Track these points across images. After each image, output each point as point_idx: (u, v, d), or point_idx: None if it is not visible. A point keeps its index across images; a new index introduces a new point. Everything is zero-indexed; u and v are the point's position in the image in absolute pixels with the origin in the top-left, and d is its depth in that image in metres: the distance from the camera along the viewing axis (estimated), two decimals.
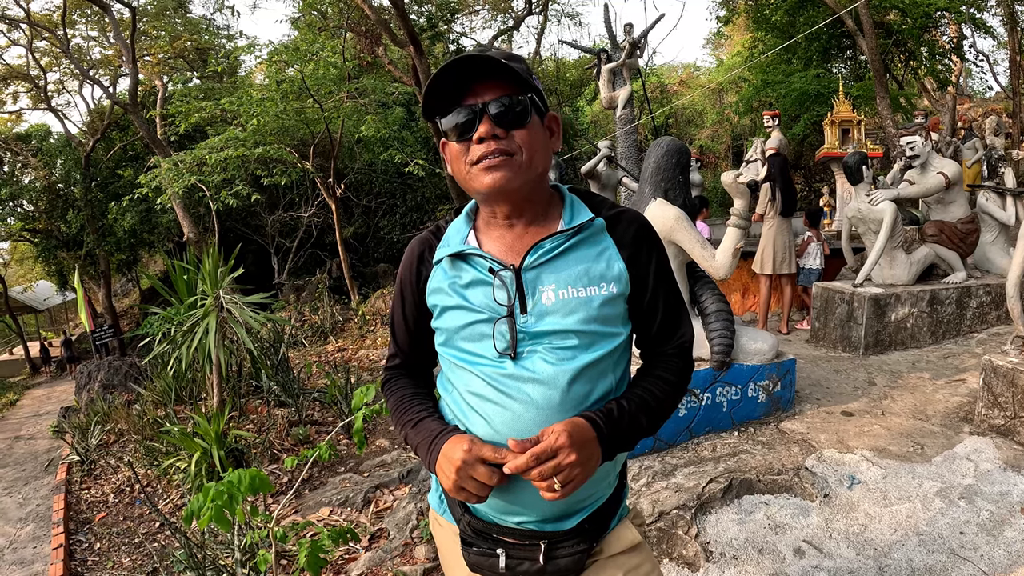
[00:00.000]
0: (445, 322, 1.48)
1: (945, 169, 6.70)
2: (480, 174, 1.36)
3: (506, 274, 1.40)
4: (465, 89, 1.35)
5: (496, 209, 1.46)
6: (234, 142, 13.09)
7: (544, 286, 1.40)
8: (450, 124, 1.37)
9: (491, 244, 1.47)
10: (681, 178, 4.66)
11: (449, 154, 1.43)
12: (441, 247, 1.51)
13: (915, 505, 3.38)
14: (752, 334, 4.77)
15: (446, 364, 1.54)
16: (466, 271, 1.45)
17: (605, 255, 1.45)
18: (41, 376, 24.74)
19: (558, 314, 1.39)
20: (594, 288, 1.41)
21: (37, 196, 22.90)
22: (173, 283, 6.57)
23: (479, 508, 1.49)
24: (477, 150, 1.35)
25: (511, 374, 1.38)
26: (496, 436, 1.39)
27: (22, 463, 10.19)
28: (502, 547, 1.47)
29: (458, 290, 1.45)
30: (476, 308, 1.42)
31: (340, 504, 4.99)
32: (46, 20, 20.18)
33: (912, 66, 18.26)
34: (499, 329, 1.39)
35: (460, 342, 1.46)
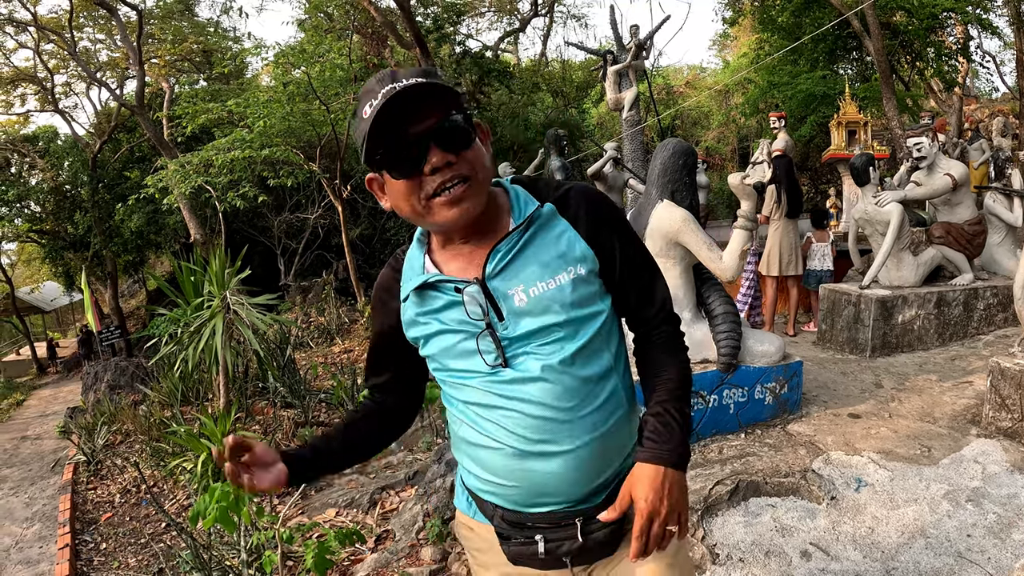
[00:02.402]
0: (431, 349, 1.49)
1: (952, 170, 6.68)
2: (442, 208, 1.32)
3: (472, 289, 1.39)
4: (402, 121, 1.27)
5: (454, 235, 1.43)
6: (241, 143, 13.11)
7: (512, 289, 1.38)
8: (396, 162, 1.31)
9: (450, 264, 1.45)
10: (688, 180, 4.66)
11: (391, 191, 1.36)
12: (404, 282, 1.50)
13: (922, 508, 3.37)
14: (759, 336, 4.76)
15: (445, 384, 1.54)
16: (435, 297, 1.44)
17: (564, 238, 1.42)
18: (48, 376, 24.80)
19: (533, 312, 1.38)
20: (561, 275, 1.39)
21: (44, 197, 22.97)
22: (180, 284, 6.59)
23: (509, 502, 1.49)
24: (432, 181, 1.30)
25: (509, 380, 1.40)
26: (512, 439, 1.41)
27: (28, 463, 10.22)
28: (539, 533, 1.49)
29: (433, 316, 1.45)
30: (455, 329, 1.42)
31: (346, 505, 5.00)
32: (53, 23, 20.24)
33: (919, 67, 18.24)
34: (483, 343, 1.40)
35: (451, 363, 1.46)
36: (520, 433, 1.40)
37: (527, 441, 1.40)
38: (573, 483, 1.44)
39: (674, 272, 4.63)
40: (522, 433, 1.40)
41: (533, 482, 1.44)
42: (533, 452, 1.41)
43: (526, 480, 1.44)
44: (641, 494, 1.37)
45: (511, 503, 1.49)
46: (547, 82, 25.56)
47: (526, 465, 1.42)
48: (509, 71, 22.86)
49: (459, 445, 1.58)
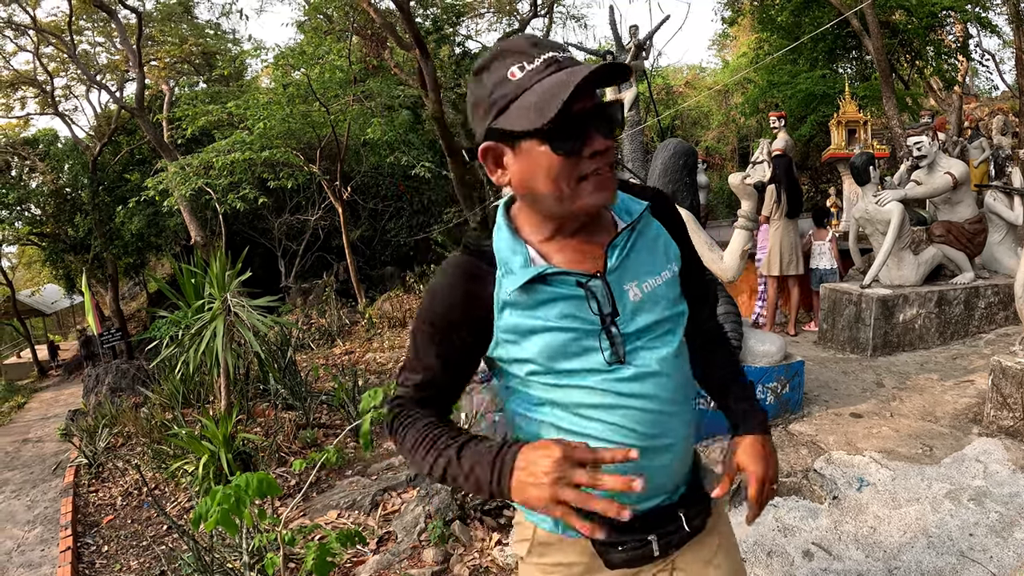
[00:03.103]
0: (530, 349, 1.35)
1: (952, 169, 6.68)
2: (591, 192, 1.26)
3: (595, 284, 1.34)
4: (572, 97, 1.16)
5: (571, 223, 1.36)
6: (241, 145, 13.12)
7: (627, 284, 1.38)
8: (562, 137, 1.21)
9: (559, 256, 1.37)
10: (688, 180, 4.66)
11: (531, 166, 1.26)
12: (506, 276, 1.34)
13: (924, 507, 3.37)
14: (760, 336, 4.77)
15: (537, 390, 1.41)
16: (544, 291, 1.34)
17: (660, 238, 1.47)
18: (49, 379, 24.80)
19: (646, 308, 1.40)
20: (665, 273, 1.44)
21: (44, 200, 22.97)
22: (180, 286, 6.59)
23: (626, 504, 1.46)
24: (589, 164, 1.24)
25: (629, 377, 1.37)
26: (630, 437, 1.39)
27: (30, 466, 10.22)
28: (651, 532, 1.46)
29: (539, 312, 1.34)
30: (566, 327, 1.34)
31: (348, 507, 5.00)
32: (53, 26, 20.25)
33: (918, 66, 18.22)
34: (604, 339, 1.35)
35: (558, 364, 1.36)
36: (640, 430, 1.39)
37: (645, 437, 1.40)
38: (676, 474, 1.50)
39: None
40: (642, 430, 1.39)
41: (651, 478, 1.40)
42: (649, 448, 1.39)
43: (645, 478, 1.43)
44: (753, 463, 1.51)
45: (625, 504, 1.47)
46: None
47: (642, 463, 1.35)
48: None
49: None
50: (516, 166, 1.27)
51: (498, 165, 1.31)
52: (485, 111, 1.26)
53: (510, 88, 1.22)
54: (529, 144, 1.23)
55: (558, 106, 1.14)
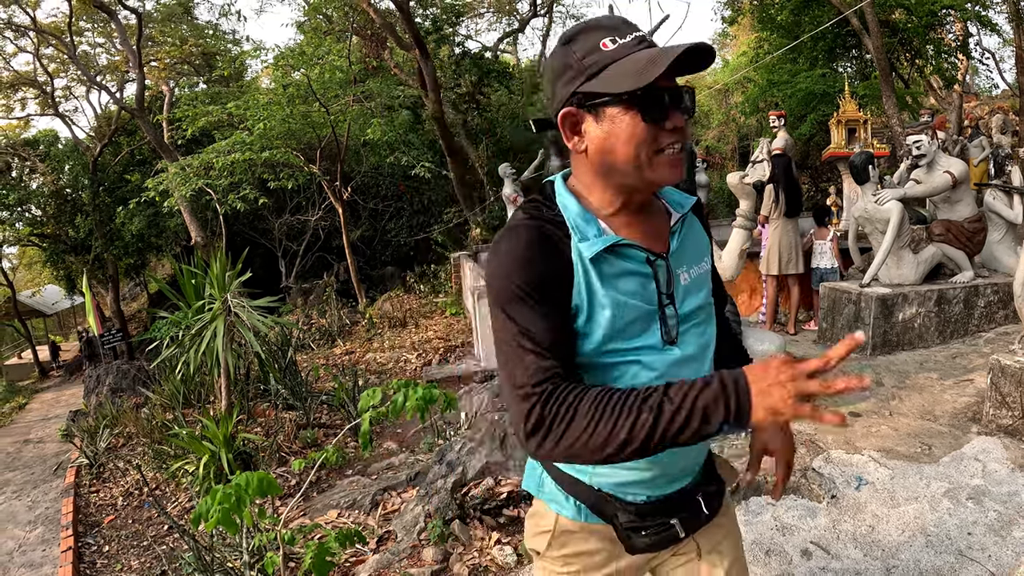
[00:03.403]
0: (599, 321, 1.32)
1: (951, 168, 6.68)
2: (666, 166, 1.29)
3: (661, 263, 1.38)
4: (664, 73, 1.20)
5: (637, 196, 1.39)
6: (241, 146, 13.14)
7: (680, 269, 1.43)
8: (652, 103, 1.24)
9: (627, 231, 1.38)
10: (686, 179, 4.67)
11: (614, 132, 1.26)
12: (581, 242, 1.32)
13: (923, 506, 3.38)
14: (759, 335, 4.77)
15: (598, 370, 1.37)
16: (615, 264, 1.34)
17: (699, 232, 1.56)
18: (50, 380, 24.82)
19: (693, 293, 1.45)
20: (703, 264, 1.52)
21: (45, 201, 22.99)
22: (181, 287, 6.60)
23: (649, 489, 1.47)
24: (667, 138, 1.28)
25: (676, 359, 1.40)
26: None
27: (31, 467, 10.23)
28: (674, 515, 1.49)
29: (612, 284, 1.33)
30: (637, 302, 1.35)
31: (348, 506, 5.01)
32: (53, 27, 20.27)
33: (918, 64, 18.23)
34: (662, 317, 1.38)
35: (621, 340, 1.35)
36: None
37: None
38: (698, 459, 1.55)
39: None
40: None
41: (676, 463, 1.47)
42: None
43: (672, 463, 1.46)
44: (780, 445, 1.66)
45: (648, 490, 1.48)
46: None
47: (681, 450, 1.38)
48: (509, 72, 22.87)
49: None
50: (598, 132, 1.29)
51: (575, 132, 1.33)
52: (573, 76, 1.28)
53: (601, 56, 1.25)
54: (615, 111, 1.26)
55: (658, 71, 1.18)
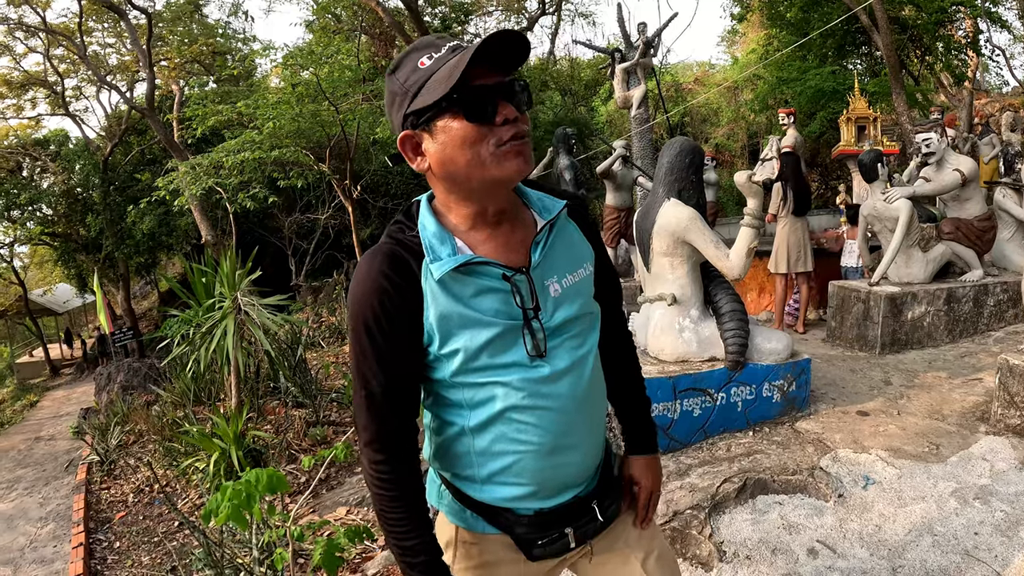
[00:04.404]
0: (460, 342, 1.35)
1: (961, 166, 6.65)
2: (511, 157, 1.28)
3: (520, 278, 1.36)
4: (474, 72, 1.23)
5: (491, 206, 1.38)
6: (251, 145, 13.17)
7: (548, 280, 1.42)
8: (472, 102, 1.25)
9: (485, 247, 1.38)
10: (694, 178, 4.67)
11: (450, 141, 1.27)
12: (433, 263, 1.33)
13: (930, 505, 3.38)
14: (767, 334, 4.77)
15: (461, 392, 1.41)
16: (470, 283, 1.34)
17: (575, 237, 1.53)
18: (61, 378, 24.98)
19: (565, 304, 1.44)
20: (580, 271, 1.50)
21: (56, 200, 23.12)
22: (191, 286, 6.64)
23: (536, 501, 1.50)
24: (504, 131, 1.27)
25: (544, 376, 1.40)
26: (545, 436, 1.43)
27: (42, 463, 10.31)
28: (567, 525, 1.53)
29: (470, 304, 1.34)
30: (496, 319, 1.35)
31: (357, 503, 5.03)
32: (63, 27, 20.36)
33: (928, 61, 18.14)
34: (527, 333, 1.37)
35: (485, 359, 1.36)
36: (553, 429, 1.43)
37: (557, 436, 1.44)
38: (587, 469, 1.55)
39: (681, 270, 4.65)
40: (554, 429, 1.43)
41: (559, 476, 1.49)
42: (561, 446, 1.45)
43: (553, 476, 1.48)
44: (646, 479, 1.74)
45: (538, 502, 1.49)
46: (555, 80, 25.58)
47: (555, 461, 1.46)
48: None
49: (465, 460, 1.49)
50: (434, 146, 1.30)
51: (416, 153, 1.34)
52: (401, 100, 1.31)
53: (420, 74, 1.27)
54: (443, 122, 1.27)
55: (462, 68, 1.19)
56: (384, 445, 1.40)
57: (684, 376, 4.46)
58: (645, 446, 1.79)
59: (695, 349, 4.65)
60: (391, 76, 1.33)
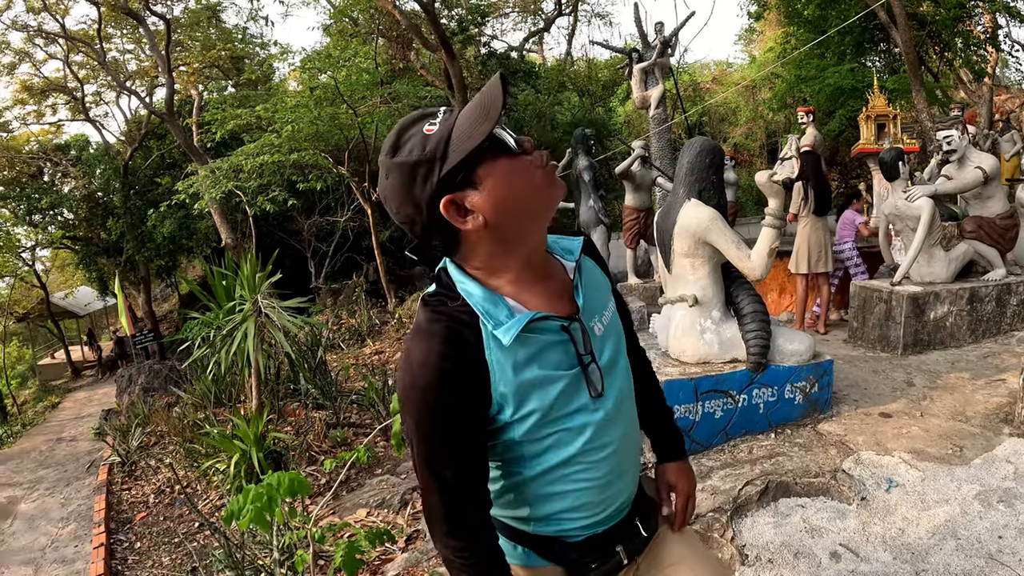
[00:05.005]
0: (535, 404, 1.32)
1: (983, 163, 6.58)
2: (551, 182, 1.30)
3: (575, 326, 1.36)
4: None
5: (537, 249, 1.37)
6: (269, 148, 13.23)
7: (593, 321, 1.42)
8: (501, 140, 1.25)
9: (535, 302, 1.34)
10: (715, 178, 4.65)
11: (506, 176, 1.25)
12: (497, 329, 1.27)
13: (953, 508, 3.34)
14: (789, 335, 4.74)
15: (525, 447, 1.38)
16: (533, 341, 1.31)
17: (597, 274, 1.54)
18: (82, 379, 25.19)
19: (608, 341, 1.46)
20: (609, 307, 1.52)
21: (77, 205, 23.29)
22: (212, 288, 6.68)
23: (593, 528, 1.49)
24: (534, 160, 1.28)
25: (605, 415, 1.41)
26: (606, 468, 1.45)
27: (64, 464, 10.41)
28: (618, 544, 1.55)
29: (539, 363, 1.32)
30: (562, 371, 1.34)
31: (377, 505, 5.04)
32: (82, 34, 20.52)
33: (947, 57, 17.98)
34: (587, 376, 1.37)
35: (555, 412, 1.34)
36: (611, 463, 1.45)
37: (614, 468, 1.47)
38: (633, 491, 1.59)
39: (703, 271, 4.63)
40: (612, 462, 1.45)
41: (614, 501, 1.51)
42: (616, 477, 1.49)
43: (611, 502, 1.50)
44: (682, 483, 1.77)
45: (594, 529, 1.50)
46: (573, 81, 25.52)
47: (614, 488, 1.49)
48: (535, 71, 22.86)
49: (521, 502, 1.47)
50: (483, 195, 1.25)
51: (464, 214, 1.26)
52: (427, 170, 1.23)
53: (438, 136, 1.22)
54: (485, 169, 1.23)
55: (499, 105, 1.18)
56: (465, 532, 1.35)
57: (706, 378, 4.44)
58: (676, 453, 1.82)
59: (717, 350, 4.63)
60: (395, 156, 1.26)
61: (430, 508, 1.35)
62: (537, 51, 29.45)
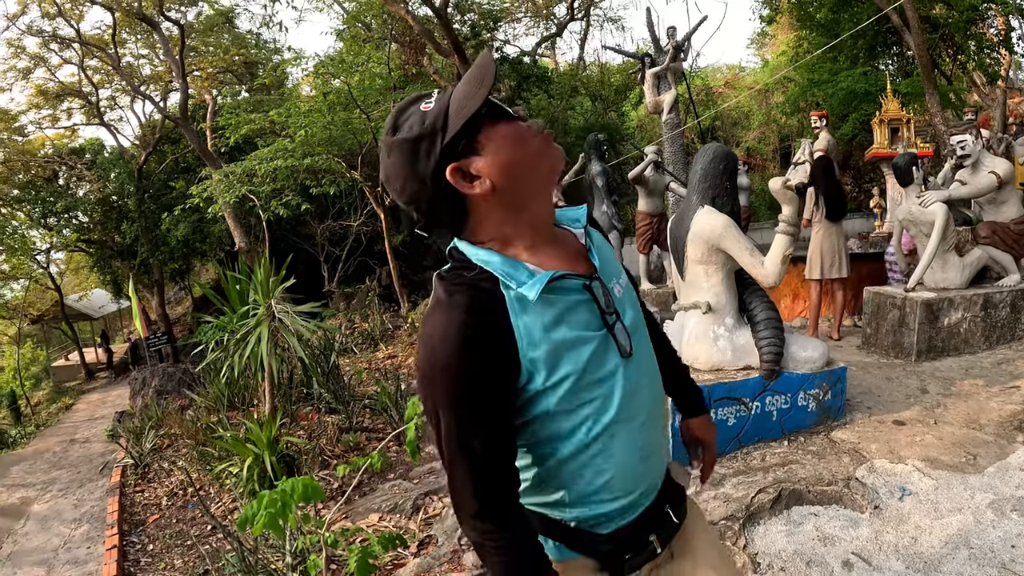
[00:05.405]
0: (568, 367, 1.30)
1: (997, 168, 6.54)
2: (550, 146, 1.33)
3: (596, 284, 1.35)
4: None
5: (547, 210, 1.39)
6: (283, 153, 13.31)
7: (611, 283, 1.42)
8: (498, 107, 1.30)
9: (554, 263, 1.33)
10: (728, 185, 4.65)
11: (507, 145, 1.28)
12: (521, 287, 1.26)
13: (966, 517, 3.32)
14: (802, 342, 4.73)
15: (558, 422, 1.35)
16: (558, 302, 1.30)
17: (603, 242, 1.53)
18: (96, 381, 25.35)
19: (627, 302, 1.46)
20: (622, 272, 1.53)
21: (92, 208, 23.48)
22: (225, 292, 6.71)
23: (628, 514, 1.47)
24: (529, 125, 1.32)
25: (636, 377, 1.41)
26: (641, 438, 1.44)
27: (77, 466, 10.48)
28: (651, 532, 1.52)
29: (567, 324, 1.30)
30: (591, 331, 1.33)
31: (389, 510, 5.06)
32: (97, 39, 20.69)
33: (960, 60, 17.91)
34: (614, 335, 1.36)
35: (589, 376, 1.32)
36: (646, 432, 1.45)
37: (650, 439, 1.48)
38: (662, 470, 1.59)
39: (716, 278, 4.63)
40: (647, 432, 1.46)
41: (648, 480, 1.51)
42: (651, 447, 1.49)
43: (644, 481, 1.49)
44: (706, 434, 1.89)
45: (626, 515, 1.47)
46: (585, 86, 25.55)
47: (648, 464, 1.50)
48: (547, 76, 22.90)
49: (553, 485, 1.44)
50: (487, 159, 1.27)
51: (469, 179, 1.28)
52: (430, 142, 1.25)
53: (435, 112, 1.26)
54: (486, 135, 1.27)
55: (491, 72, 1.24)
56: (496, 512, 1.31)
57: (719, 385, 4.43)
58: (699, 407, 1.90)
59: (730, 358, 4.62)
60: (395, 134, 1.29)
61: (458, 486, 1.30)
62: (550, 56, 29.45)
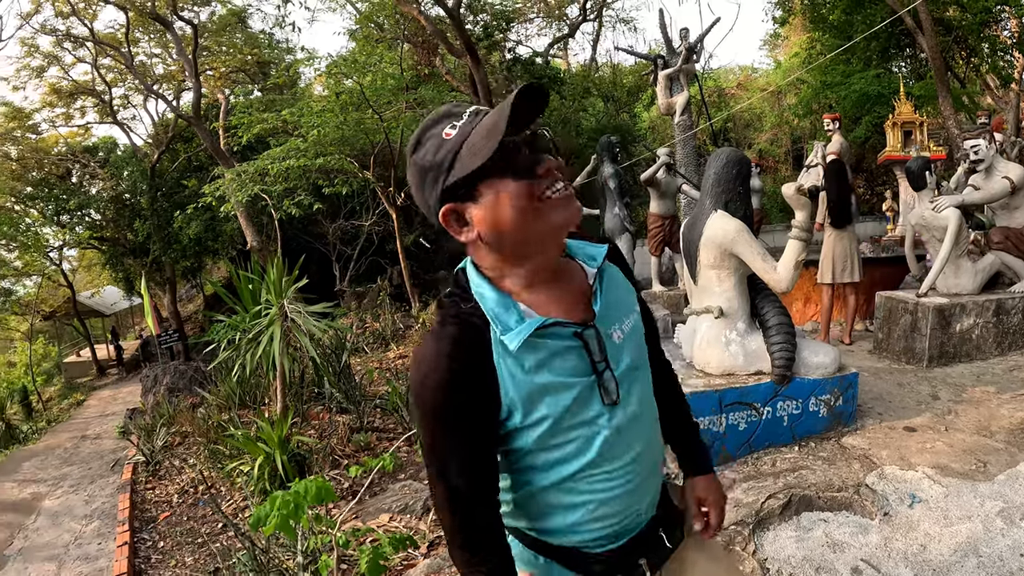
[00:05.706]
0: (545, 411, 1.32)
1: (1010, 173, 6.51)
2: (558, 208, 1.27)
3: (589, 332, 1.35)
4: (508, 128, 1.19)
5: (546, 262, 1.35)
6: (295, 152, 13.34)
7: (611, 329, 1.41)
8: (513, 160, 1.24)
9: (548, 307, 1.34)
10: (741, 189, 4.65)
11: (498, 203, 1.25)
12: (505, 335, 1.28)
13: (976, 525, 3.32)
14: (814, 347, 4.72)
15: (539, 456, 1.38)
16: (543, 347, 1.31)
17: (621, 281, 1.52)
18: (107, 378, 25.50)
19: (627, 349, 1.44)
20: (632, 314, 1.50)
21: (105, 206, 23.61)
22: (237, 291, 6.74)
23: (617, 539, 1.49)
24: (547, 183, 1.26)
25: (621, 422, 1.41)
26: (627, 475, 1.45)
27: (88, 462, 10.53)
28: (640, 556, 1.53)
29: (549, 369, 1.32)
30: (575, 378, 1.34)
31: (400, 511, 5.07)
32: (110, 38, 20.78)
33: (973, 63, 17.85)
34: (602, 383, 1.36)
35: (568, 420, 1.35)
36: (631, 471, 1.45)
37: (639, 474, 1.47)
38: (654, 498, 1.58)
39: (728, 283, 4.63)
40: (633, 470, 1.45)
41: (632, 512, 1.50)
42: (637, 483, 1.48)
43: (632, 510, 1.49)
44: (712, 496, 1.74)
45: (613, 541, 1.49)
46: (598, 87, 25.55)
47: (632, 499, 1.48)
48: (560, 77, 22.89)
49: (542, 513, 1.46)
50: (481, 212, 1.26)
51: (461, 224, 1.30)
52: (435, 177, 1.27)
53: (450, 146, 1.24)
54: (487, 186, 1.24)
55: (500, 133, 1.17)
56: (477, 541, 1.37)
57: (730, 390, 4.43)
58: (704, 466, 1.81)
59: (741, 362, 4.62)
60: (415, 154, 1.30)
61: (441, 515, 1.37)
62: (562, 57, 29.45)
